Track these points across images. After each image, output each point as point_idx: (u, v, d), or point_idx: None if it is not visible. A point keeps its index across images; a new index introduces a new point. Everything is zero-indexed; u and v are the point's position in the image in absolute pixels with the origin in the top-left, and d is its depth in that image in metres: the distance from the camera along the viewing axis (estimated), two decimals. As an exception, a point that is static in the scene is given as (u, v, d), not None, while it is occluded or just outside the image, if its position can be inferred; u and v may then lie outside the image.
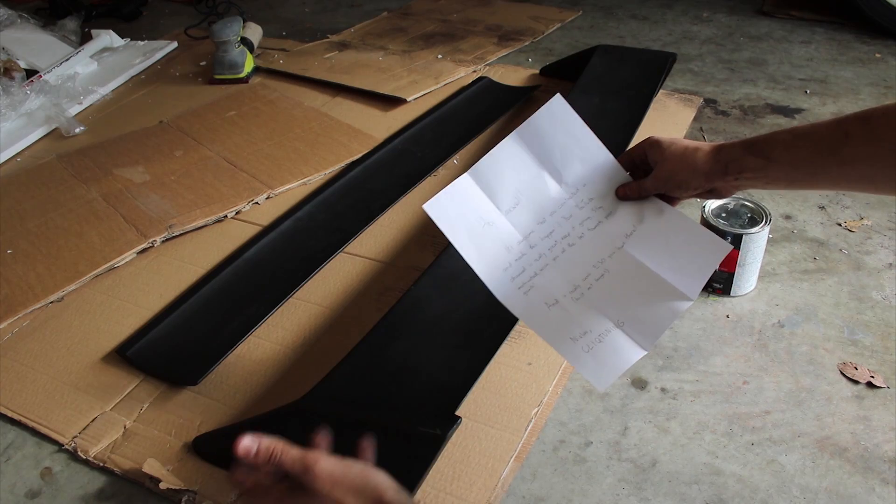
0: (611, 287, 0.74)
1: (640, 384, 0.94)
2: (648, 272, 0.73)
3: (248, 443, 0.61)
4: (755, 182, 0.68)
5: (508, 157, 0.78)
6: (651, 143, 0.76)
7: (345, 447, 0.82)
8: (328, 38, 2.17)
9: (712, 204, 1.07)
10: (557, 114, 0.80)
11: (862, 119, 0.59)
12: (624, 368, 0.70)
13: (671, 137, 0.76)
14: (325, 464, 0.59)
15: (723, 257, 0.75)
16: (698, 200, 1.02)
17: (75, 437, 0.90)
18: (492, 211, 0.76)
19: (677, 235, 0.75)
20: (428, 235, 1.24)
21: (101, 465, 0.87)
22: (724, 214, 1.05)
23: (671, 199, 0.79)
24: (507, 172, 0.77)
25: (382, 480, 0.59)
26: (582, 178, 0.79)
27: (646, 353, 0.71)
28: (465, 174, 0.76)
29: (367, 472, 0.59)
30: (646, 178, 0.77)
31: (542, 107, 0.79)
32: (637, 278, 0.73)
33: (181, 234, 1.27)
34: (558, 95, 0.80)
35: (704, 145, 0.72)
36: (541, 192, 0.78)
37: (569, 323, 0.72)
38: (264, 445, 0.61)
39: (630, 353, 0.70)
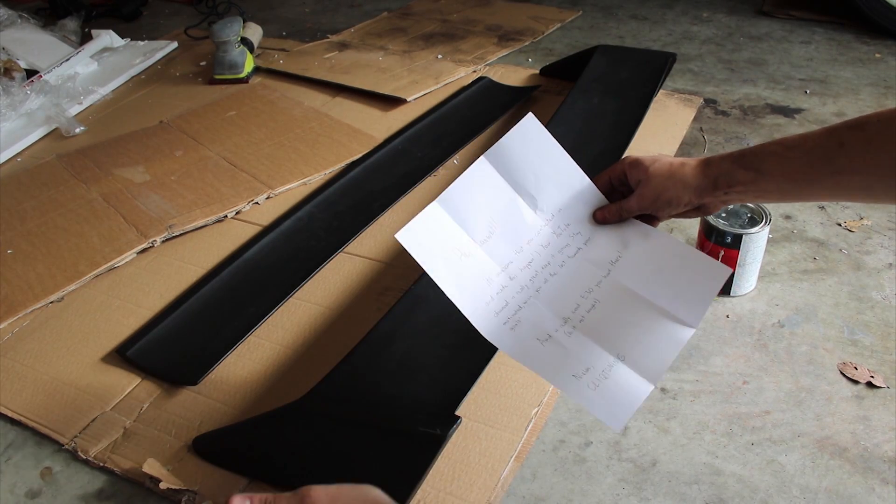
0: (605, 318, 0.69)
1: (640, 384, 0.94)
2: (642, 301, 0.69)
3: (239, 502, 0.61)
4: (745, 196, 0.66)
5: (479, 181, 0.73)
6: (631, 163, 0.72)
7: (345, 447, 0.82)
8: (328, 38, 2.17)
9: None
10: (530, 134, 0.75)
11: (856, 127, 0.58)
12: (637, 405, 0.66)
13: (652, 155, 0.73)
14: (319, 489, 0.61)
15: (723, 282, 0.71)
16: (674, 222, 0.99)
17: (75, 436, 0.90)
18: (467, 242, 0.71)
19: (670, 260, 0.71)
20: (428, 235, 1.24)
21: (101, 464, 0.87)
22: (723, 214, 1.05)
23: (651, 220, 0.75)
24: (478, 199, 0.73)
25: (378, 494, 0.60)
26: (557, 202, 0.75)
27: (654, 387, 0.67)
28: (434, 202, 0.71)
29: (361, 488, 0.60)
30: (626, 198, 0.73)
31: (514, 127, 0.75)
32: (631, 308, 0.70)
33: (181, 234, 1.27)
34: (530, 115, 0.76)
35: (690, 160, 0.69)
36: (515, 219, 0.73)
37: (568, 359, 0.67)
38: (257, 500, 0.62)
39: (639, 389, 0.66)
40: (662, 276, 0.70)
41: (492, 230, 0.72)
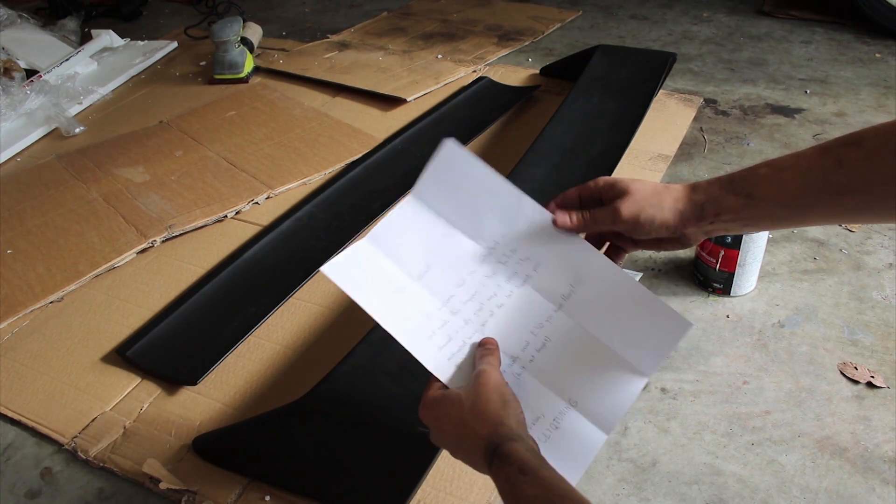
0: (556, 359, 0.64)
1: (640, 384, 0.94)
2: (596, 343, 0.64)
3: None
4: (733, 225, 0.59)
5: (410, 219, 0.68)
6: (609, 181, 0.65)
7: (345, 447, 0.82)
8: (328, 38, 2.17)
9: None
10: (453, 161, 0.69)
11: (853, 144, 0.54)
12: (591, 458, 0.62)
13: (632, 178, 0.65)
14: (494, 374, 0.60)
15: (682, 337, 0.63)
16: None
17: (75, 437, 0.90)
18: (400, 277, 0.67)
19: (628, 305, 0.64)
20: (428, 235, 1.24)
21: (101, 465, 0.87)
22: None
23: (617, 252, 0.68)
24: (410, 234, 0.68)
25: (515, 407, 0.59)
26: (498, 228, 0.67)
27: (607, 437, 0.62)
28: (362, 239, 0.68)
29: (509, 398, 0.59)
30: (600, 208, 0.64)
31: (434, 157, 0.69)
32: (583, 349, 0.64)
33: (181, 234, 1.27)
34: (449, 140, 0.69)
35: (675, 186, 0.62)
36: (454, 252, 0.67)
37: None
38: None
39: (592, 438, 0.62)
40: (619, 320, 0.64)
41: (429, 264, 0.67)
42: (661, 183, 0.63)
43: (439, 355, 0.65)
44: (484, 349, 0.63)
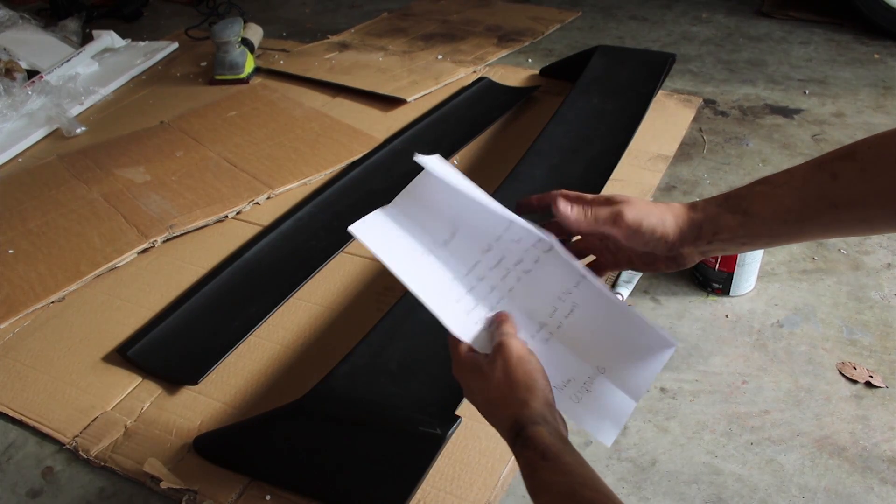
0: (583, 325, 0.64)
1: (639, 384, 0.94)
2: (624, 310, 0.63)
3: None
4: (730, 244, 0.59)
5: (432, 188, 0.68)
6: (606, 195, 0.63)
7: (345, 447, 0.82)
8: (328, 38, 2.17)
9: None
10: (433, 183, 0.67)
11: (846, 157, 0.54)
12: (624, 420, 0.62)
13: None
14: (516, 344, 0.60)
15: (665, 360, 0.63)
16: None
17: (76, 436, 0.91)
18: (428, 242, 0.67)
19: (618, 323, 0.64)
20: (428, 236, 1.24)
21: (102, 464, 0.87)
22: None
23: (600, 270, 0.67)
24: (436, 200, 0.67)
25: (542, 386, 0.59)
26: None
27: (636, 403, 0.62)
28: (389, 205, 0.68)
29: (535, 374, 0.59)
30: (602, 207, 0.61)
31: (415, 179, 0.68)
32: (611, 316, 0.63)
33: (182, 235, 1.28)
34: (428, 164, 0.67)
35: (674, 203, 0.62)
36: (479, 218, 0.66)
37: (547, 369, 0.62)
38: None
39: (623, 404, 0.62)
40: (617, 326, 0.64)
41: (454, 231, 0.67)
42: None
43: (467, 320, 0.64)
44: (497, 319, 0.63)
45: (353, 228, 0.65)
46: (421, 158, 0.67)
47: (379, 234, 0.66)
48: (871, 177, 0.52)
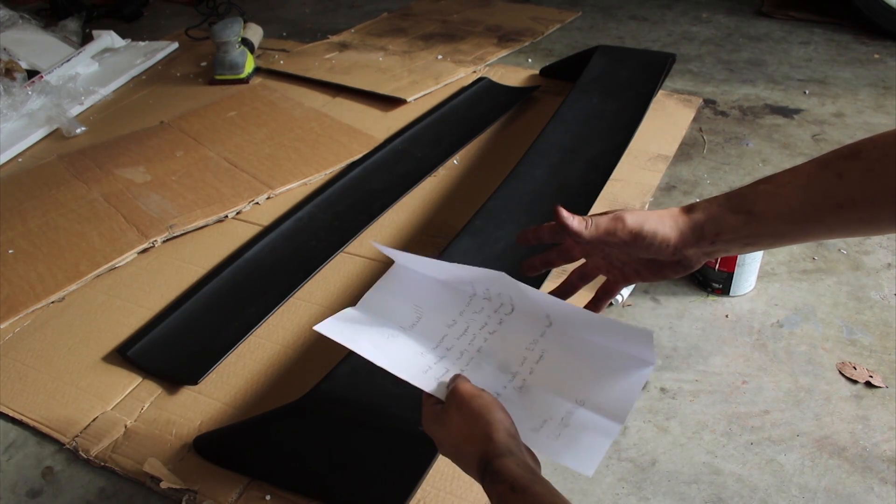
0: (555, 366, 0.65)
1: (639, 384, 0.94)
2: (593, 343, 0.64)
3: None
4: (733, 245, 0.58)
5: (395, 284, 0.73)
6: (602, 212, 0.63)
7: (345, 447, 0.82)
8: (328, 38, 2.17)
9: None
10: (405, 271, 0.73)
11: (851, 157, 0.53)
12: (606, 447, 0.60)
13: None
14: (464, 385, 0.61)
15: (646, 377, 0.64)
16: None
17: (76, 436, 0.91)
18: (394, 328, 0.70)
19: (599, 328, 0.64)
20: (427, 235, 1.24)
21: (102, 464, 0.87)
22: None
23: (605, 295, 0.68)
24: (398, 295, 0.72)
25: (500, 418, 0.58)
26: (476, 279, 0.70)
27: (621, 426, 0.61)
28: (351, 308, 0.72)
29: (490, 407, 0.59)
30: (603, 215, 0.61)
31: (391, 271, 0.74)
32: (582, 351, 0.64)
33: (182, 234, 1.28)
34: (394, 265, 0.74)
35: (671, 208, 0.61)
36: (442, 298, 0.70)
37: (521, 415, 0.62)
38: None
39: (606, 429, 0.61)
40: (602, 330, 0.65)
41: (419, 315, 0.70)
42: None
43: (439, 386, 0.65)
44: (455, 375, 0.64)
45: (318, 327, 0.68)
46: (383, 249, 0.73)
47: (345, 328, 0.69)
48: (878, 176, 0.51)
